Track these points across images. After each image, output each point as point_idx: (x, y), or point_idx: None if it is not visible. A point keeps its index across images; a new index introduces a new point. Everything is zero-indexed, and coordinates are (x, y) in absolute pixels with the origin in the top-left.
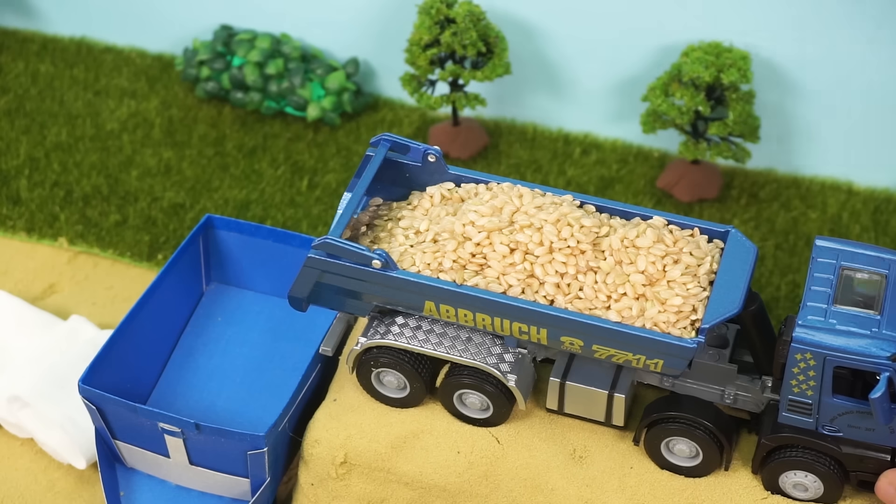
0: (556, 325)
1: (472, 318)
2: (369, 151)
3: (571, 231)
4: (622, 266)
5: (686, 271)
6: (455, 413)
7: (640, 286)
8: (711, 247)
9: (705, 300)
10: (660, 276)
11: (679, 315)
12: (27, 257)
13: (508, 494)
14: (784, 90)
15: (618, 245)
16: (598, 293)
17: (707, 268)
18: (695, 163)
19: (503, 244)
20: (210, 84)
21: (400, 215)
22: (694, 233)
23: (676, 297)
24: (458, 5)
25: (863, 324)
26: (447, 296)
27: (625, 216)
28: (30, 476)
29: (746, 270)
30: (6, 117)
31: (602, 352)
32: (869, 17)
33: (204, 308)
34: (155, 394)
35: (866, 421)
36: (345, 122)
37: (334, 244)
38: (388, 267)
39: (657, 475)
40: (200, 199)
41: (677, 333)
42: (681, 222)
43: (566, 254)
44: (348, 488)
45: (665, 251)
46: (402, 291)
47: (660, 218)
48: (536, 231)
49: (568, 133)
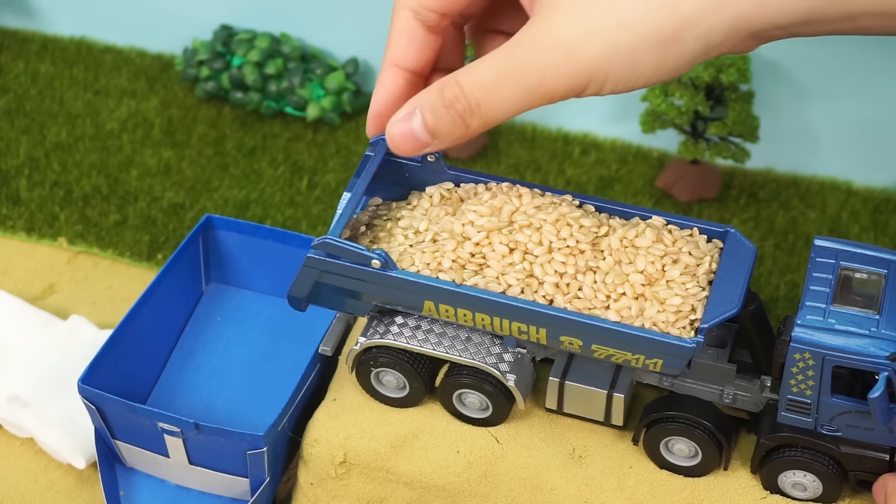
0: (556, 325)
1: (472, 318)
2: (368, 151)
3: (570, 231)
4: (621, 266)
5: (685, 271)
6: (454, 413)
7: (639, 286)
8: (710, 246)
9: (704, 300)
10: (659, 276)
11: (678, 315)
12: (27, 257)
13: (508, 494)
14: (784, 90)
15: (617, 245)
16: (598, 293)
17: (706, 267)
18: (694, 163)
19: (502, 244)
20: (210, 84)
21: (399, 215)
22: (693, 233)
23: (675, 297)
24: None
25: (862, 324)
26: (446, 295)
27: (624, 216)
28: (30, 476)
29: (746, 270)
30: (6, 117)
31: (601, 351)
32: None
33: (203, 308)
34: (154, 394)
35: (865, 420)
36: (344, 122)
37: (334, 244)
38: (387, 267)
39: (656, 475)
40: (200, 199)
41: (676, 333)
42: (680, 222)
43: (565, 254)
44: (348, 488)
45: (664, 251)
46: (401, 291)
47: (659, 218)
48: (535, 231)
49: (567, 133)
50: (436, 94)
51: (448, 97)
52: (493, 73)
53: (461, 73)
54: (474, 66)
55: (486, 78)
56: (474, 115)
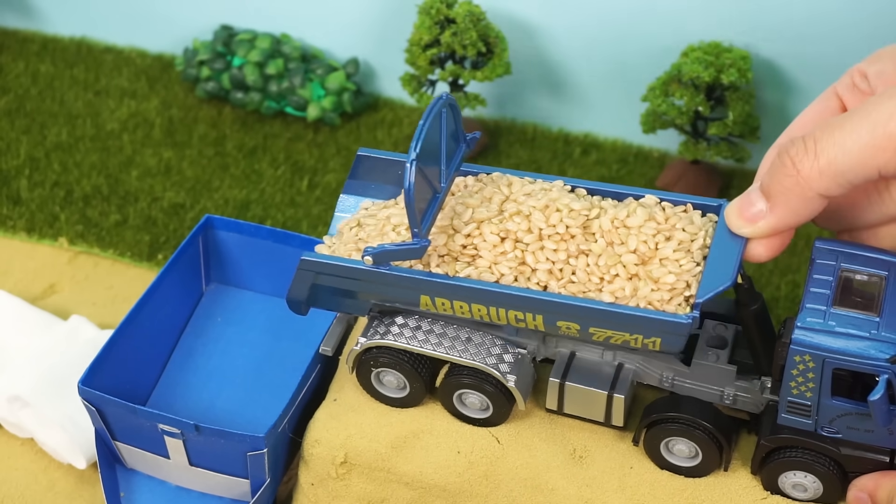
0: (551, 311)
1: (468, 310)
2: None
3: (560, 216)
4: (614, 247)
5: (679, 247)
6: (455, 413)
7: (632, 266)
8: (705, 221)
9: (699, 275)
10: (652, 255)
11: (673, 292)
12: (27, 257)
13: (508, 494)
14: (784, 90)
15: (608, 226)
16: (591, 276)
17: (701, 242)
18: (694, 163)
19: (493, 234)
20: (210, 84)
21: (388, 213)
22: (687, 208)
23: (669, 275)
24: (458, 5)
25: (862, 326)
26: (440, 288)
27: (617, 197)
28: (30, 476)
29: (740, 242)
30: (6, 117)
31: (599, 334)
32: (868, 17)
33: (204, 308)
34: (155, 395)
35: (865, 422)
36: (345, 122)
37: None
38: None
39: (657, 475)
40: (200, 199)
41: (672, 310)
42: (674, 199)
43: (556, 240)
44: (348, 488)
45: (656, 229)
46: (395, 287)
47: (652, 196)
48: (525, 218)
49: (568, 133)
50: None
51: (783, 146)
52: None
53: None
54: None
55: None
56: (808, 155)
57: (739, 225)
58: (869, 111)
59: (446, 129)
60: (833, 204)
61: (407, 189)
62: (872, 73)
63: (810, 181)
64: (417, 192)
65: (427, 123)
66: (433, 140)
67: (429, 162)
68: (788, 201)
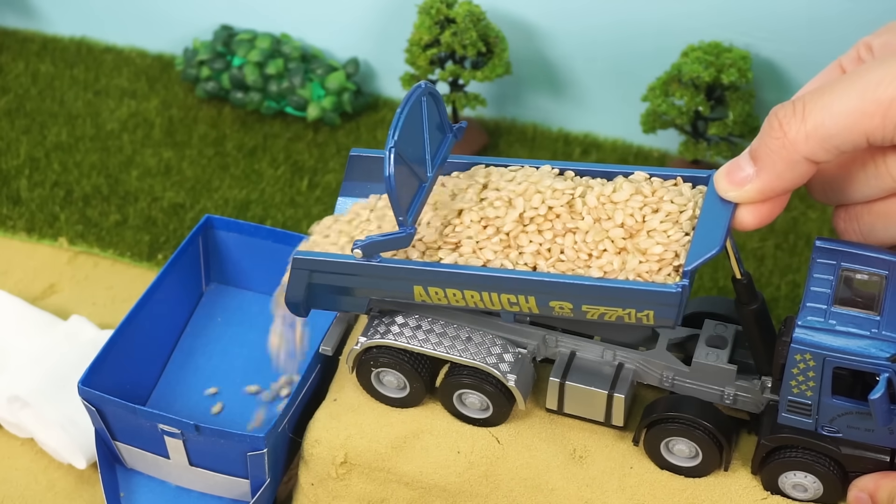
0: (542, 291)
1: (462, 297)
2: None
3: (543, 198)
4: (601, 223)
5: (666, 219)
6: (455, 413)
7: (620, 240)
8: (695, 192)
9: (688, 244)
10: (639, 227)
11: (661, 262)
12: (27, 257)
13: (508, 494)
14: (784, 90)
15: (594, 203)
16: (579, 253)
17: (690, 213)
18: (695, 163)
19: (474, 221)
20: (210, 84)
21: (375, 206)
22: (677, 181)
23: (657, 246)
24: (458, 5)
25: (862, 325)
26: (431, 276)
27: (607, 177)
28: (30, 476)
29: (729, 209)
30: (6, 117)
31: (592, 311)
32: (868, 17)
33: (203, 308)
34: (155, 395)
35: (866, 422)
36: (345, 122)
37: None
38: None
39: (657, 475)
40: (200, 199)
41: (661, 280)
42: (664, 174)
43: (538, 222)
44: (348, 488)
45: (643, 202)
46: (387, 280)
47: (641, 172)
48: (506, 204)
49: (568, 133)
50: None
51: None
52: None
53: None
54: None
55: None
56: (796, 117)
57: (727, 188)
58: (860, 75)
59: (429, 119)
60: (827, 175)
61: (387, 177)
62: (877, 45)
63: (796, 144)
64: (400, 181)
65: (405, 111)
66: (415, 130)
67: (412, 151)
68: (774, 164)
